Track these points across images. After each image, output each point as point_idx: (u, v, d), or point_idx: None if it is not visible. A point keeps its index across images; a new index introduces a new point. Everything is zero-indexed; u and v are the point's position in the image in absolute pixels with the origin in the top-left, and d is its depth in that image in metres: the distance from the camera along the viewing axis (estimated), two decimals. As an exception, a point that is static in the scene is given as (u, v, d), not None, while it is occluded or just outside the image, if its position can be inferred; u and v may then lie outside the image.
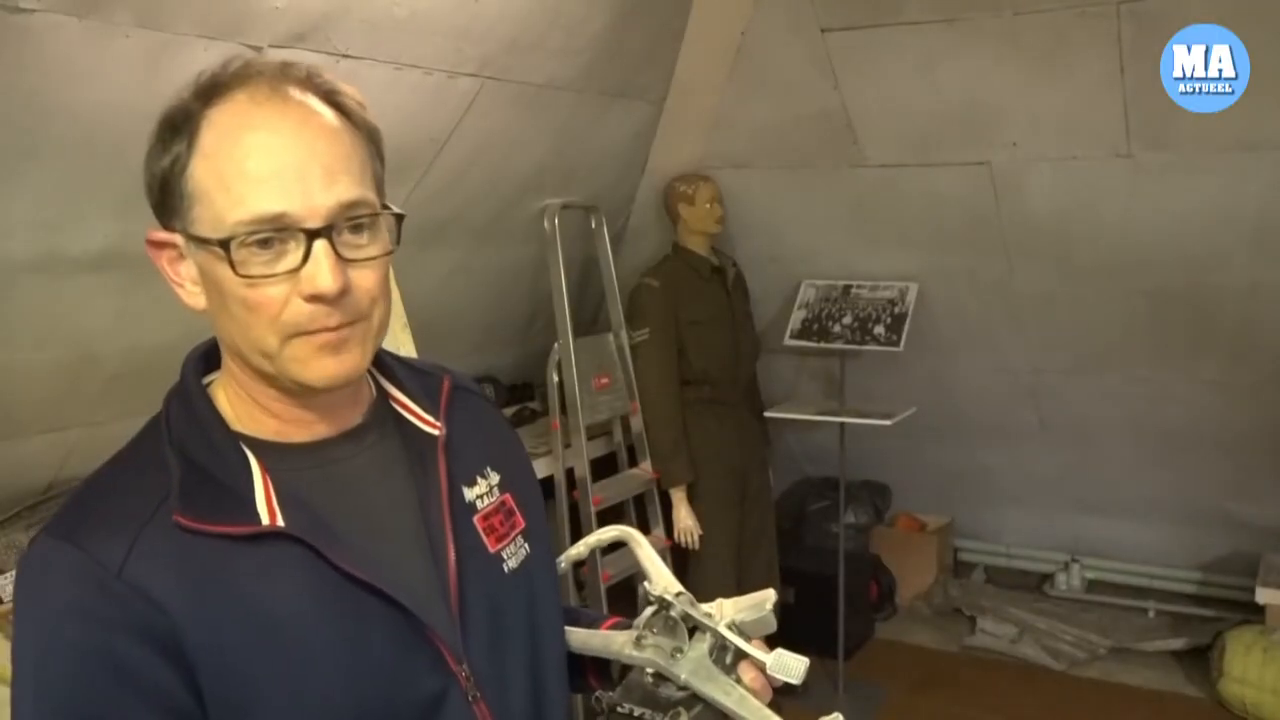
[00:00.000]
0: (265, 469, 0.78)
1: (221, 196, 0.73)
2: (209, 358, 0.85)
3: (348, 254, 0.75)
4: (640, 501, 3.48)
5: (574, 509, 3.32)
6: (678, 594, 0.86)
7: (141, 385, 2.35)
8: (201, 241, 0.75)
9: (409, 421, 0.89)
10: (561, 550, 1.04)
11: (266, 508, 0.76)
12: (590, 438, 3.29)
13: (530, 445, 3.18)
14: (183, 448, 0.78)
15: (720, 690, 0.80)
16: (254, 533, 0.75)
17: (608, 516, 3.33)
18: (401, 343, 2.50)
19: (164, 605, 0.71)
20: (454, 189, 2.86)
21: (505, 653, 0.87)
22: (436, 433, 0.89)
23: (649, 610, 0.87)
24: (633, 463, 3.47)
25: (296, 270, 0.74)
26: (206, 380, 0.85)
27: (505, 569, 0.89)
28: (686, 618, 0.84)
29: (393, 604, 0.78)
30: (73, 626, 0.71)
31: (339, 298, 0.74)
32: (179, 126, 0.75)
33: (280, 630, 0.74)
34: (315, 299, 0.74)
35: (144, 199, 0.79)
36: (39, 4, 1.65)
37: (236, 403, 0.82)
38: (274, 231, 0.73)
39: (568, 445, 3.28)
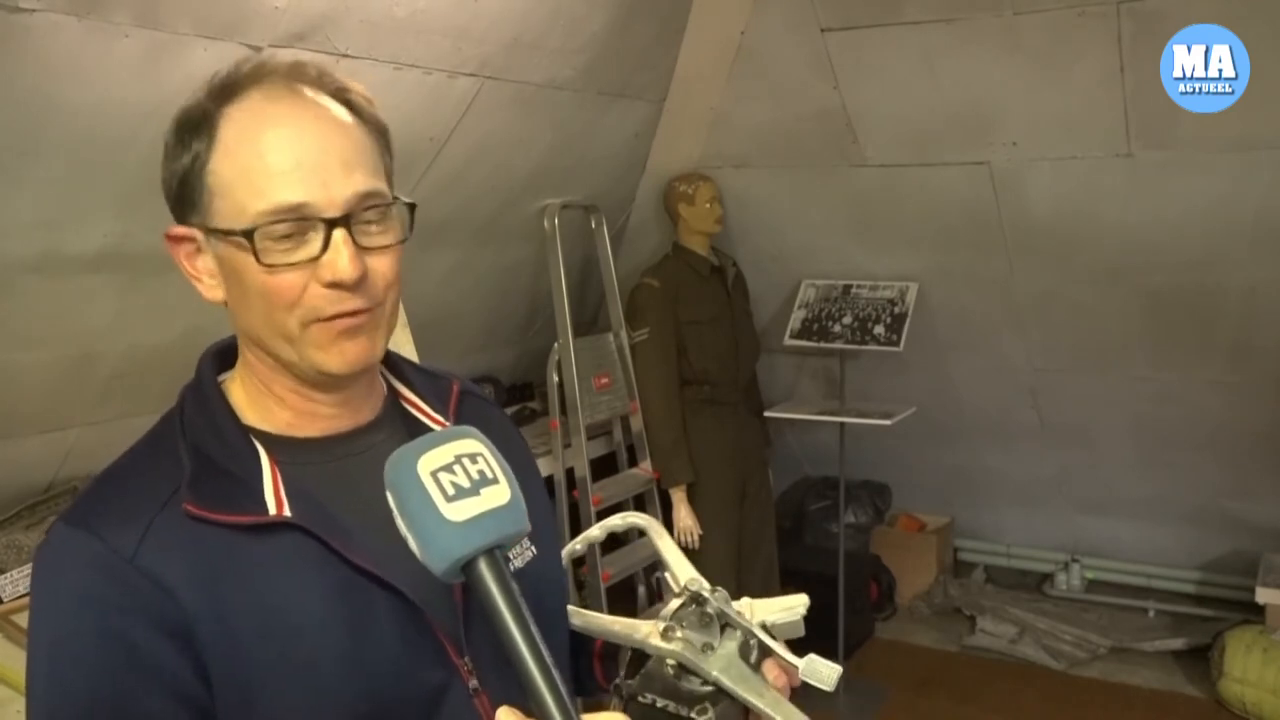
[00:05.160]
0: (275, 462, 0.81)
1: (244, 189, 0.76)
2: (223, 355, 0.88)
3: (364, 242, 0.79)
4: (640, 501, 3.48)
5: (574, 508, 3.32)
6: (714, 589, 0.85)
7: (141, 385, 2.37)
8: (223, 233, 0.77)
9: (418, 420, 0.91)
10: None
11: (274, 498, 0.78)
12: (590, 437, 3.30)
13: (530, 445, 3.18)
14: (195, 441, 0.80)
15: (753, 691, 0.80)
16: (261, 523, 0.77)
17: (607, 516, 3.34)
18: (401, 342, 2.49)
19: (175, 592, 0.73)
20: (454, 189, 2.86)
21: None
22: None
23: (677, 601, 0.86)
24: (633, 462, 3.48)
25: (316, 258, 0.77)
26: (221, 378, 0.87)
27: (511, 568, 0.89)
28: (721, 614, 0.83)
29: (397, 596, 0.79)
30: (86, 612, 0.73)
31: (358, 284, 0.77)
32: (198, 125, 0.78)
33: (287, 619, 0.76)
34: (335, 285, 0.77)
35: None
36: (39, 4, 1.65)
37: (251, 396, 0.84)
38: (295, 221, 0.76)
39: (568, 445, 3.29)
